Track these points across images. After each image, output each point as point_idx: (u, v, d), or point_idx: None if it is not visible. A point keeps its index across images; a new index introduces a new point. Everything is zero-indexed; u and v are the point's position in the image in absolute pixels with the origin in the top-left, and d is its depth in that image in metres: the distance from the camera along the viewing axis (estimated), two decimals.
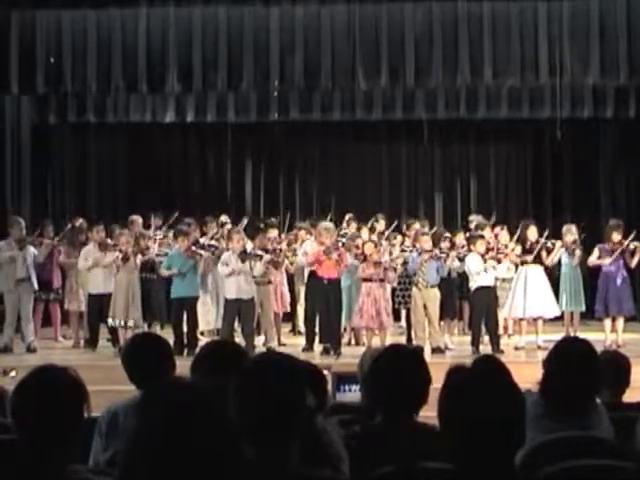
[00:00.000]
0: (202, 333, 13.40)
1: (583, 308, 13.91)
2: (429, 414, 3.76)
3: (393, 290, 13.37)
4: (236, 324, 12.73)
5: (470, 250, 12.79)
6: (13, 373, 10.53)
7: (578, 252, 13.43)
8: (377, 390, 3.97)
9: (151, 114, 17.12)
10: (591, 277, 13.91)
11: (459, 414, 2.72)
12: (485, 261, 12.59)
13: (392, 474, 3.20)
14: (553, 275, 13.62)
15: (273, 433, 2.85)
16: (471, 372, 2.82)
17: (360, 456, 3.70)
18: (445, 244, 13.24)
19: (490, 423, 2.68)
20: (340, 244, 12.96)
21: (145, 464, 1.82)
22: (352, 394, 6.58)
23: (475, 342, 12.48)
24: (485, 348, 12.31)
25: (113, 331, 12.83)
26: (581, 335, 13.82)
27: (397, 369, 3.92)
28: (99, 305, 12.90)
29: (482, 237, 12.93)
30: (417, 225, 14.42)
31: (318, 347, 12.68)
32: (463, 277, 13.32)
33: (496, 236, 13.70)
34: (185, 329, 12.66)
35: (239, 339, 11.90)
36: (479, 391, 2.72)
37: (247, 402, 2.83)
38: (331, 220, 14.29)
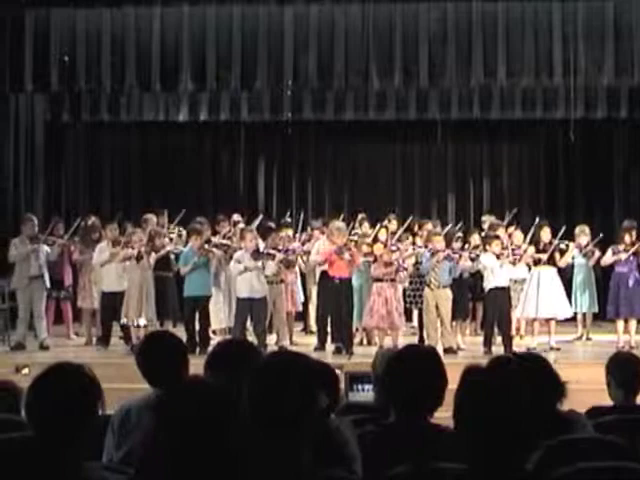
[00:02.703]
0: (214, 332, 13.42)
1: (596, 309, 13.93)
2: (443, 415, 3.76)
3: (404, 290, 13.35)
4: (248, 323, 12.73)
5: (485, 250, 12.77)
6: (26, 370, 10.58)
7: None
8: (393, 390, 3.96)
9: (164, 113, 17.15)
10: (604, 278, 13.89)
11: (475, 414, 2.72)
12: (500, 262, 12.58)
13: (406, 474, 3.20)
14: (566, 276, 13.61)
15: (285, 432, 2.85)
16: (487, 372, 2.82)
17: (373, 456, 3.70)
18: (457, 244, 13.24)
19: (506, 423, 2.67)
20: (353, 243, 12.96)
21: (163, 462, 1.82)
22: (365, 394, 6.57)
23: (487, 343, 12.47)
24: (497, 349, 12.29)
25: (125, 329, 12.85)
26: (593, 336, 13.92)
27: (414, 369, 3.91)
28: (113, 303, 12.91)
29: (497, 237, 12.91)
30: (429, 225, 14.40)
31: (330, 347, 12.68)
32: (476, 277, 13.31)
33: (510, 236, 13.67)
34: (197, 327, 12.67)
35: (251, 338, 11.90)
36: (495, 391, 2.72)
37: (260, 401, 2.83)
38: (343, 220, 14.28)
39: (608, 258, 13.13)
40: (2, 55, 14.74)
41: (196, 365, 4.59)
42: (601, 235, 13.70)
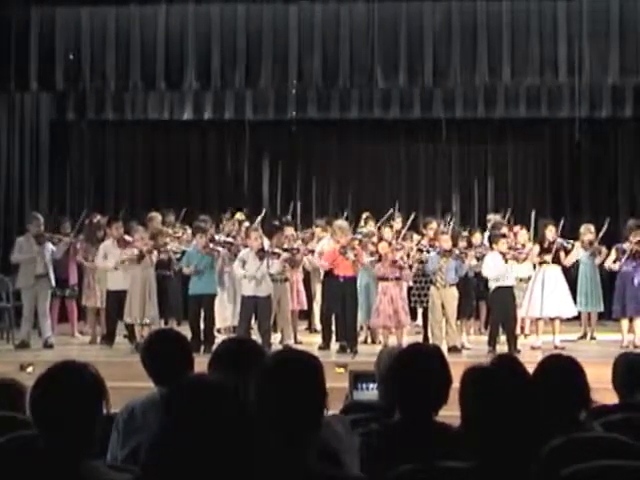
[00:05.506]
0: (219, 330, 13.42)
1: (601, 308, 13.90)
2: (449, 413, 3.75)
3: (409, 289, 13.34)
4: (252, 321, 12.73)
5: (492, 249, 12.76)
6: (30, 369, 10.60)
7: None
8: (397, 389, 3.95)
9: (169, 111, 17.18)
10: (609, 277, 13.86)
11: (481, 412, 2.71)
12: (506, 260, 12.56)
13: (411, 473, 3.20)
14: (571, 275, 13.58)
15: (295, 430, 2.84)
16: (490, 371, 2.81)
17: (378, 455, 3.69)
18: (463, 243, 13.22)
19: (511, 421, 2.67)
20: (357, 242, 12.93)
21: (170, 460, 1.82)
22: (369, 392, 6.57)
23: (492, 341, 12.45)
24: (502, 347, 12.28)
25: (130, 328, 12.85)
26: (598, 335, 13.90)
27: (419, 368, 3.90)
28: (118, 301, 12.91)
29: (504, 236, 12.91)
30: (434, 224, 14.36)
31: (334, 345, 12.68)
32: (480, 277, 13.29)
33: (515, 235, 13.66)
34: (202, 326, 12.67)
35: (255, 337, 11.90)
36: (499, 390, 2.71)
37: (268, 400, 2.82)
38: (347, 219, 14.25)
39: (610, 262, 13.10)
40: (7, 53, 14.75)
41: (201, 363, 4.58)
42: (604, 228, 13.58)
